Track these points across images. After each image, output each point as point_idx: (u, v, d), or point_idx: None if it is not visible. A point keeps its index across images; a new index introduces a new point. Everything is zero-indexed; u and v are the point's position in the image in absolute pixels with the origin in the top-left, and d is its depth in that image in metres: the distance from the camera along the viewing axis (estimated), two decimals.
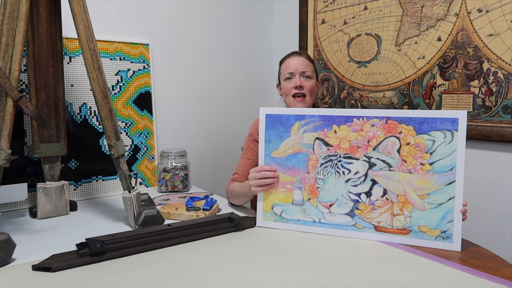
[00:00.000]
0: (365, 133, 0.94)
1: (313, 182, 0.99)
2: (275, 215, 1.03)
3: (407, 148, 0.91)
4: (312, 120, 0.99)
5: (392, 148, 0.92)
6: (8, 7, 0.94)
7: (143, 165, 1.55)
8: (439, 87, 1.32)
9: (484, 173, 1.25)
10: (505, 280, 0.73)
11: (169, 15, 1.62)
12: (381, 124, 0.93)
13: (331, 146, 0.97)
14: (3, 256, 0.82)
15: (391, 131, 0.92)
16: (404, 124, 0.91)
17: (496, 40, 1.17)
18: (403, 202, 0.91)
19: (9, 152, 0.94)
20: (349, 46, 1.60)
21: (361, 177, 0.94)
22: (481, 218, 1.26)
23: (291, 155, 1.01)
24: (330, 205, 0.97)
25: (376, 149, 0.93)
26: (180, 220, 1.11)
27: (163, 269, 0.79)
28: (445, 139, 0.88)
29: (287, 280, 0.74)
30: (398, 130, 0.92)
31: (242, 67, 1.89)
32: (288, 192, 1.02)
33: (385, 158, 0.93)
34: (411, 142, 0.91)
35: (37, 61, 1.11)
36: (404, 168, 0.91)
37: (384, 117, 0.93)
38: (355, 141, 0.95)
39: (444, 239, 0.89)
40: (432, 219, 0.90)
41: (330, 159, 0.97)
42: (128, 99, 1.49)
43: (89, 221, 1.14)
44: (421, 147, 0.90)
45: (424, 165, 0.90)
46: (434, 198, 0.89)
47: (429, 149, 0.89)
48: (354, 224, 0.96)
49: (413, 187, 0.90)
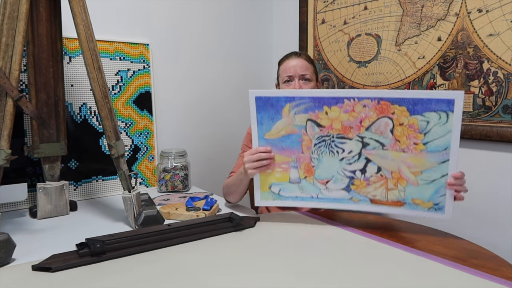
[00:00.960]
0: (356, 113, 0.93)
1: (308, 161, 1.00)
2: (273, 194, 1.04)
3: (400, 129, 0.90)
4: (303, 102, 0.96)
5: (385, 128, 0.91)
6: (8, 7, 0.94)
7: (143, 165, 1.55)
8: (439, 87, 1.32)
9: (484, 173, 1.25)
10: (505, 280, 0.73)
11: (169, 15, 1.62)
12: (373, 104, 0.91)
13: (324, 127, 0.96)
14: (3, 256, 0.82)
15: (384, 112, 0.91)
16: (397, 104, 0.89)
17: (496, 40, 1.17)
18: (397, 178, 0.93)
19: (9, 152, 0.94)
20: (349, 46, 1.60)
21: (355, 155, 0.95)
22: (481, 218, 1.26)
23: (284, 136, 1.00)
24: (327, 182, 0.99)
25: (369, 129, 0.93)
26: (180, 220, 1.11)
27: (163, 269, 0.79)
28: (439, 120, 0.87)
29: (287, 280, 0.74)
30: (391, 111, 0.90)
31: (242, 67, 1.89)
32: (285, 172, 1.02)
33: (378, 138, 0.92)
34: (404, 122, 0.89)
35: (37, 61, 1.11)
36: (397, 147, 0.92)
37: (376, 98, 0.90)
38: (347, 122, 0.94)
39: (436, 210, 0.93)
40: (425, 193, 0.92)
41: (323, 140, 0.97)
42: (128, 99, 1.49)
43: (89, 221, 1.14)
44: (415, 127, 0.89)
45: (417, 145, 0.90)
46: (428, 175, 0.91)
47: (423, 130, 0.89)
48: (351, 198, 0.98)
49: (407, 164, 0.92)
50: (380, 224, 1.10)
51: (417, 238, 0.97)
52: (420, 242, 0.94)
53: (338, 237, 0.96)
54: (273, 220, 1.10)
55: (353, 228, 1.02)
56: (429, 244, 0.92)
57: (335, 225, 1.05)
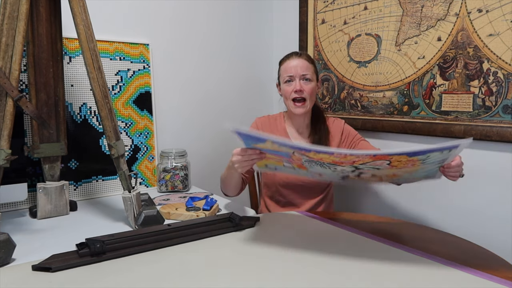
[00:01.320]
0: (348, 159, 0.82)
1: (300, 164, 0.92)
2: (269, 168, 1.07)
3: (397, 163, 0.82)
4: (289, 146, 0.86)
5: (381, 164, 0.84)
6: (8, 7, 0.94)
7: (143, 165, 1.55)
8: (439, 87, 1.32)
9: (484, 173, 1.25)
10: (505, 280, 0.73)
11: (169, 15, 1.62)
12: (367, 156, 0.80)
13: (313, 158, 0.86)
14: (3, 256, 0.82)
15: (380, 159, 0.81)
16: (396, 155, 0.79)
17: (496, 40, 1.17)
18: (392, 176, 0.95)
19: (9, 152, 0.94)
20: (349, 46, 1.60)
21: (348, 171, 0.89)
22: (481, 218, 1.26)
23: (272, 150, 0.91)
24: (320, 174, 1.00)
25: (363, 164, 0.84)
26: (180, 220, 1.11)
27: (163, 269, 0.79)
28: (441, 155, 0.82)
29: (288, 280, 0.74)
30: (387, 158, 0.80)
31: (242, 66, 1.89)
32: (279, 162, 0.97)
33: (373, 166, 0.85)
34: (402, 160, 0.81)
35: (37, 61, 1.11)
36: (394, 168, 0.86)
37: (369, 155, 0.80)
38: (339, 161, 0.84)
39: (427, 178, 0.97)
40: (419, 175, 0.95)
41: (313, 161, 0.88)
42: (128, 99, 1.49)
43: (89, 221, 1.14)
44: (414, 160, 0.82)
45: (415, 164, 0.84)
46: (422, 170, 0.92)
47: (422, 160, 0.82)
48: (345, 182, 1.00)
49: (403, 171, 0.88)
50: (380, 224, 1.10)
51: (417, 238, 0.97)
52: (420, 242, 0.94)
53: (338, 237, 0.96)
54: (273, 220, 1.10)
55: (353, 228, 1.02)
56: (429, 244, 0.92)
57: (335, 225, 1.05)
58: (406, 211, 1.48)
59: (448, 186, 1.34)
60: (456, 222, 1.33)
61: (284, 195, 1.38)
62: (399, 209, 1.50)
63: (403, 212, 1.49)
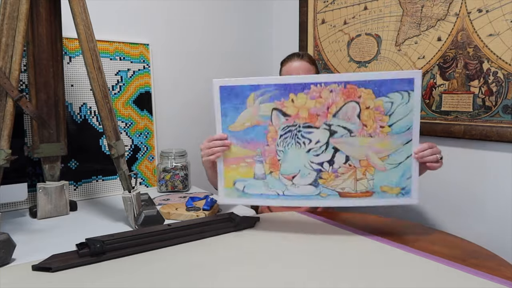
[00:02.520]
0: (323, 100, 0.92)
1: (273, 154, 0.97)
2: (237, 191, 1.00)
3: (367, 112, 0.92)
4: (268, 90, 0.95)
5: (352, 113, 0.92)
6: (8, 7, 0.94)
7: (143, 165, 1.55)
8: (439, 87, 1.32)
9: (484, 173, 1.25)
10: (505, 280, 0.73)
11: (169, 15, 1.62)
12: (339, 89, 0.92)
13: (290, 116, 0.94)
14: (3, 256, 0.82)
15: (350, 96, 0.92)
16: (363, 87, 0.91)
17: (496, 40, 1.17)
18: (365, 166, 0.94)
19: (9, 152, 0.94)
20: (349, 46, 1.60)
21: (322, 146, 0.94)
22: (481, 218, 1.26)
23: (249, 128, 0.98)
24: (293, 177, 0.97)
25: (336, 116, 0.93)
26: (180, 220, 1.11)
27: (163, 269, 0.79)
28: (402, 100, 0.91)
29: (288, 280, 0.74)
30: (357, 94, 0.91)
31: (242, 66, 1.89)
32: (249, 166, 0.99)
33: (345, 124, 0.93)
34: (370, 105, 0.92)
35: (37, 61, 1.11)
36: (365, 132, 0.93)
37: (343, 82, 0.91)
38: (314, 109, 0.93)
39: (404, 195, 0.94)
40: (392, 179, 0.93)
41: (289, 130, 0.95)
42: (128, 99, 1.49)
43: (89, 221, 1.14)
44: (381, 109, 0.92)
45: (383, 128, 0.92)
46: (394, 159, 0.93)
47: (388, 111, 0.91)
48: (319, 193, 0.96)
49: (374, 150, 0.93)
50: (380, 224, 1.10)
51: (417, 238, 0.97)
52: (420, 242, 0.94)
53: (338, 237, 0.96)
54: (273, 220, 1.10)
55: (353, 228, 1.02)
56: (429, 244, 0.92)
57: (335, 225, 1.05)
58: (406, 211, 1.48)
59: (448, 186, 1.34)
60: (456, 222, 1.33)
61: None
62: (399, 209, 1.50)
63: (403, 212, 1.48)
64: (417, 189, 0.93)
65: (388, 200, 0.94)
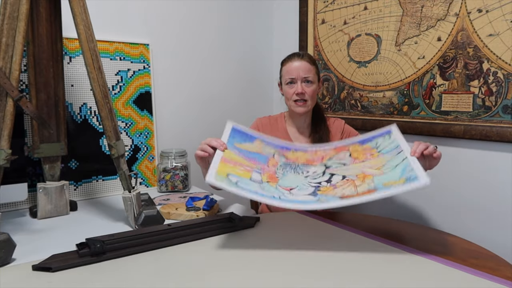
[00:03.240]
0: (318, 155, 1.13)
1: (272, 173, 1.03)
2: (230, 182, 0.89)
3: (356, 153, 1.08)
4: (273, 145, 1.13)
5: (344, 156, 1.09)
6: (8, 7, 0.94)
7: (143, 165, 1.55)
8: (439, 87, 1.32)
9: (484, 173, 1.25)
10: (505, 280, 0.73)
11: (169, 15, 1.62)
12: (331, 149, 1.13)
13: (290, 159, 1.11)
14: (3, 256, 0.82)
15: (341, 150, 1.11)
16: (351, 145, 1.11)
17: (496, 40, 1.17)
18: (363, 177, 0.95)
19: (9, 152, 0.94)
20: (349, 46, 1.60)
21: (319, 173, 1.04)
22: (481, 218, 1.26)
23: (253, 152, 1.08)
24: (291, 189, 0.96)
25: (331, 160, 1.09)
26: (180, 220, 1.11)
27: (163, 269, 0.79)
28: (384, 139, 1.06)
29: (288, 280, 0.74)
30: (346, 149, 1.11)
31: (242, 66, 1.89)
32: (247, 172, 0.96)
33: (339, 161, 1.08)
34: (359, 149, 1.08)
35: (37, 61, 1.11)
36: (357, 161, 1.05)
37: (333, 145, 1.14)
38: (311, 158, 1.12)
39: (411, 181, 0.84)
40: (394, 176, 0.89)
41: (289, 165, 1.09)
42: (128, 99, 1.49)
43: (89, 221, 1.14)
44: (368, 148, 1.07)
45: (373, 154, 1.04)
46: (389, 165, 0.96)
47: (375, 147, 1.06)
48: (318, 200, 0.90)
49: (368, 166, 1.00)
50: (380, 224, 1.10)
51: (417, 238, 0.97)
52: (420, 242, 0.94)
53: (338, 237, 0.96)
54: (273, 220, 1.10)
55: (353, 228, 1.02)
56: (429, 244, 0.92)
57: (335, 225, 1.06)
58: (406, 211, 1.48)
59: (448, 186, 1.34)
60: (456, 222, 1.33)
61: None
62: (399, 209, 1.50)
63: (403, 212, 1.49)
64: (423, 174, 0.84)
65: (395, 190, 0.85)
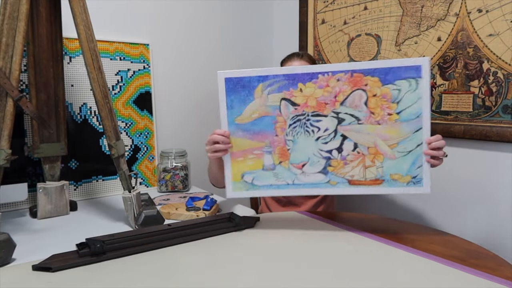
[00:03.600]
0: (331, 88, 0.93)
1: (282, 144, 0.97)
2: (246, 184, 0.99)
3: (374, 100, 0.91)
4: (276, 80, 0.94)
5: (359, 101, 0.92)
6: (8, 7, 0.94)
7: (143, 165, 1.55)
8: (439, 87, 1.32)
9: (484, 173, 1.25)
10: (505, 280, 0.73)
11: (169, 15, 1.62)
12: (346, 78, 0.92)
13: (298, 105, 0.94)
14: (3, 256, 0.82)
15: (357, 84, 0.92)
16: (370, 76, 0.91)
17: (496, 40, 1.17)
18: (374, 154, 0.93)
19: (9, 152, 0.94)
20: (349, 46, 1.60)
21: (331, 133, 0.94)
22: (481, 218, 1.26)
23: (257, 119, 0.97)
24: (303, 165, 0.96)
25: (344, 104, 0.93)
26: (180, 220, 1.11)
27: (163, 269, 0.79)
28: (410, 87, 0.89)
29: (288, 280, 0.74)
30: (364, 83, 0.91)
31: (242, 66, 1.89)
32: (258, 158, 0.98)
33: (353, 112, 0.93)
34: (377, 93, 0.91)
35: (37, 61, 1.11)
36: (372, 120, 0.92)
37: (350, 71, 0.92)
38: (322, 97, 0.93)
39: (415, 184, 0.92)
40: (403, 166, 0.92)
41: (298, 119, 0.95)
42: (128, 99, 1.49)
43: (89, 221, 1.14)
44: (388, 97, 0.91)
45: (391, 115, 0.91)
46: (404, 147, 0.91)
47: (395, 99, 0.91)
48: (328, 181, 0.96)
49: (382, 137, 0.92)
50: (380, 224, 1.10)
51: (417, 238, 0.97)
52: (420, 242, 0.94)
53: (338, 237, 0.96)
54: (273, 220, 1.10)
55: (353, 228, 1.02)
56: (429, 244, 0.92)
57: (335, 225, 1.06)
58: (406, 211, 1.48)
59: (448, 186, 1.34)
60: (456, 222, 1.33)
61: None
62: (399, 209, 1.50)
63: (403, 212, 1.49)
64: (429, 178, 0.91)
65: (399, 188, 0.93)
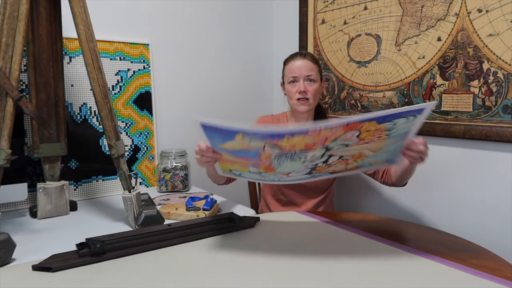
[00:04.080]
0: (322, 136, 0.82)
1: (267, 164, 0.89)
2: (234, 174, 1.01)
3: (366, 133, 0.84)
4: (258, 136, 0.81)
5: (351, 136, 0.85)
6: (8, 7, 0.94)
7: (143, 165, 1.55)
8: (439, 87, 1.32)
9: (484, 173, 1.25)
10: (505, 280, 0.73)
11: (169, 15, 1.62)
12: (341, 126, 0.80)
13: (285, 148, 0.84)
14: (3, 256, 0.82)
15: (352, 129, 0.82)
16: (367, 121, 0.81)
17: (496, 40, 1.17)
18: (357, 157, 0.93)
19: (9, 152, 0.94)
20: (349, 46, 1.60)
21: (317, 156, 0.88)
22: (481, 218, 1.26)
23: (240, 150, 0.87)
24: (289, 173, 0.95)
25: (334, 141, 0.84)
26: (180, 220, 1.11)
27: (163, 269, 0.79)
28: (406, 122, 0.84)
29: (288, 280, 0.74)
30: (360, 126, 0.82)
31: (242, 67, 1.89)
32: (244, 167, 0.94)
33: (342, 143, 0.86)
34: (371, 129, 0.83)
35: (37, 61, 1.11)
36: (361, 142, 0.87)
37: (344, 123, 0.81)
38: (311, 142, 0.83)
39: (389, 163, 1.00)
40: (382, 157, 0.96)
41: (284, 154, 0.86)
42: (128, 99, 1.49)
43: (89, 221, 1.14)
44: (381, 129, 0.84)
45: (381, 137, 0.87)
46: (386, 149, 0.93)
47: (389, 130, 0.85)
48: (312, 176, 0.99)
49: (368, 148, 0.90)
50: (380, 224, 1.10)
51: (417, 238, 0.97)
52: (420, 242, 0.94)
53: (338, 237, 0.96)
54: (273, 220, 1.10)
55: (353, 228, 1.02)
56: (429, 244, 0.92)
57: (335, 225, 1.06)
58: (407, 211, 1.48)
59: (449, 186, 1.34)
60: (456, 222, 1.33)
61: (285, 194, 1.39)
62: (399, 209, 1.50)
63: (404, 212, 1.49)
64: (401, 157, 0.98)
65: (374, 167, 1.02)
